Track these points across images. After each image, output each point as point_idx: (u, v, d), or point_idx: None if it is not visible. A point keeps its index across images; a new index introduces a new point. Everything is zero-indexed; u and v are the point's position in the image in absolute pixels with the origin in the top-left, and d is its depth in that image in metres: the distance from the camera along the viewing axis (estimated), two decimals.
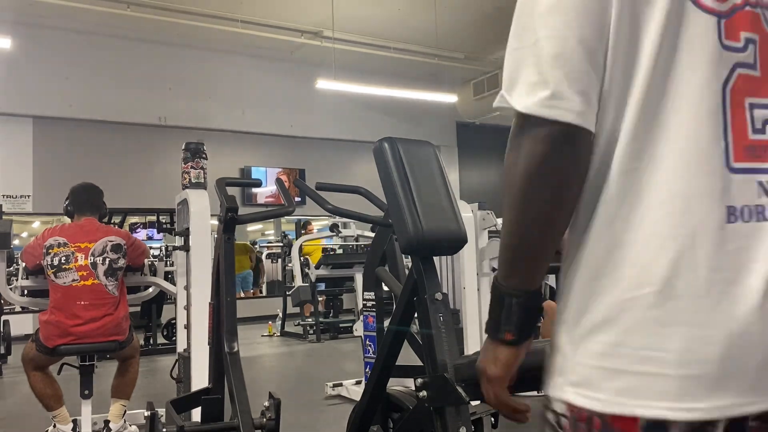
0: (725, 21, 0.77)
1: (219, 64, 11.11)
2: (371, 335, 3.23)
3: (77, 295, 3.16)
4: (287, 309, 8.63)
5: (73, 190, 3.49)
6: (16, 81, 9.49)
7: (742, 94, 0.77)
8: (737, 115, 0.76)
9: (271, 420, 2.06)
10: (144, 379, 4.83)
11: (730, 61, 0.76)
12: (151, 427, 2.19)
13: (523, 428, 1.46)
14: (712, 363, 0.72)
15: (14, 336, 6.40)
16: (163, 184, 9.77)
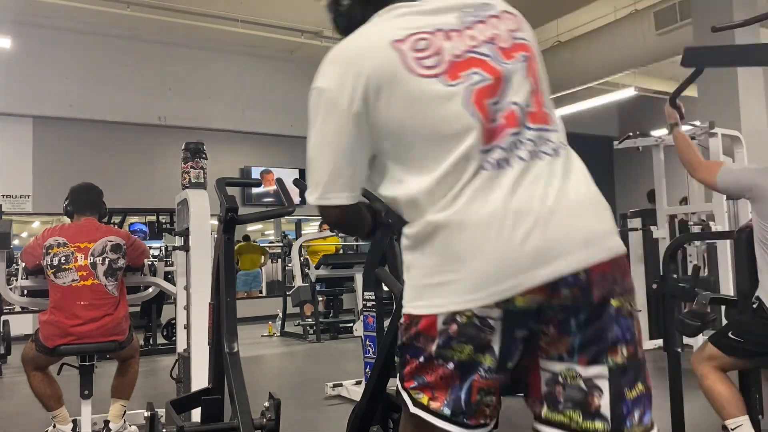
0: (446, 74, 1.17)
1: (219, 64, 11.11)
2: (371, 335, 3.23)
3: (77, 295, 3.16)
4: (287, 309, 8.63)
5: (72, 190, 3.49)
6: (16, 81, 9.48)
7: (481, 99, 1.17)
8: (482, 111, 1.17)
9: (271, 420, 2.06)
10: (144, 379, 4.83)
11: (462, 88, 1.17)
12: (151, 427, 2.18)
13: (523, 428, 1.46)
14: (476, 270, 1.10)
15: (14, 336, 6.40)
16: (163, 184, 9.77)
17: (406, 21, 1.23)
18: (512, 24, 1.31)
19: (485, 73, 1.18)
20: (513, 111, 1.18)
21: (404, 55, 1.18)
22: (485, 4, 1.29)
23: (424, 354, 1.13)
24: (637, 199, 9.71)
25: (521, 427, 2.86)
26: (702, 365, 2.54)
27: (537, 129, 1.20)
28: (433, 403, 1.13)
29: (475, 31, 1.23)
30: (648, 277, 6.04)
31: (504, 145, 1.15)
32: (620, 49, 9.50)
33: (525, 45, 1.27)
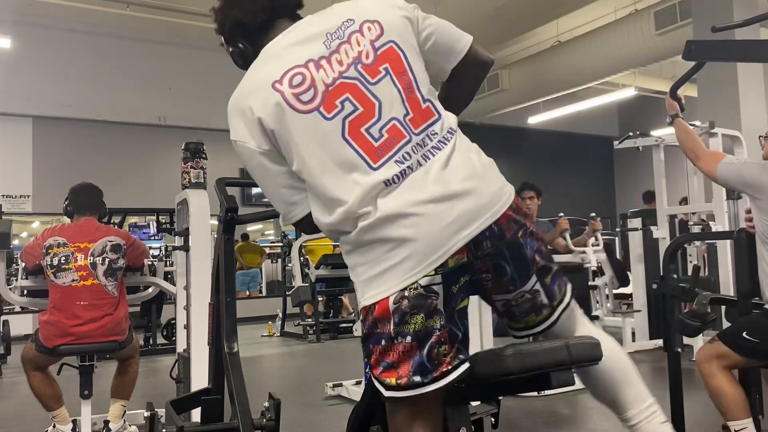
0: (322, 107, 1.34)
1: (219, 64, 11.04)
2: None
3: (77, 295, 3.16)
4: (287, 309, 8.63)
5: (72, 190, 3.49)
6: (16, 81, 9.49)
7: (357, 128, 1.34)
8: (359, 141, 1.34)
9: (271, 420, 2.06)
10: (144, 379, 4.83)
11: (338, 121, 1.34)
12: (150, 427, 2.18)
13: (523, 428, 1.46)
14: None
15: (14, 336, 6.40)
16: (163, 184, 9.76)
17: (283, 57, 1.38)
18: (373, 33, 1.39)
19: (356, 101, 1.34)
20: (394, 125, 1.35)
21: (284, 94, 1.34)
22: (348, 20, 1.40)
23: (384, 336, 1.32)
24: (637, 199, 9.71)
25: (521, 427, 2.87)
26: (709, 364, 2.49)
27: (421, 131, 1.37)
28: (401, 379, 1.31)
29: (341, 54, 1.36)
30: (648, 277, 6.03)
31: (398, 158, 1.34)
32: (620, 49, 9.50)
33: (386, 52, 1.38)
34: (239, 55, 1.55)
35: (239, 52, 1.54)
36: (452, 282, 1.35)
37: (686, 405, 2.85)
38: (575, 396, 4.22)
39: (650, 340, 6.10)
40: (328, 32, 1.39)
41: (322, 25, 1.41)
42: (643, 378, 1.56)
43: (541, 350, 1.38)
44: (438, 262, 1.32)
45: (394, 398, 1.34)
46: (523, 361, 1.35)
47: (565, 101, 12.16)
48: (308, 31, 1.41)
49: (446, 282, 1.33)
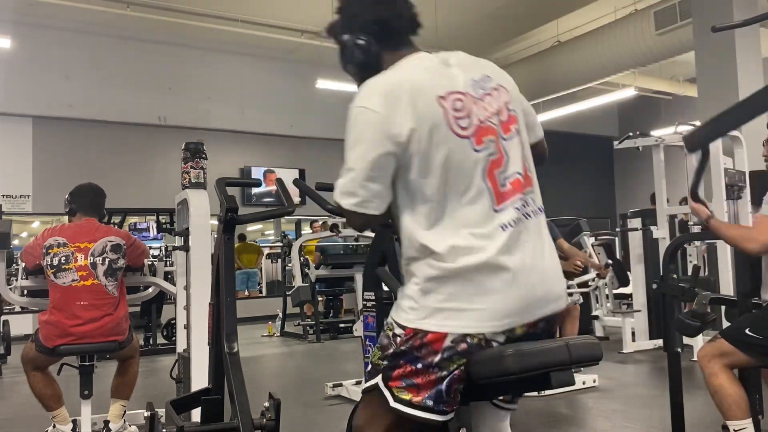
0: (473, 138, 1.38)
1: (219, 64, 11.11)
2: (371, 335, 3.22)
3: (77, 295, 3.15)
4: (287, 309, 8.63)
5: (79, 190, 3.47)
6: (16, 81, 9.49)
7: (493, 170, 1.40)
8: (493, 182, 1.40)
9: (271, 420, 2.06)
10: (144, 379, 4.83)
11: (483, 156, 1.39)
12: (150, 427, 2.18)
13: (523, 428, 1.45)
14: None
15: (14, 336, 6.40)
16: (163, 184, 9.77)
17: (442, 76, 1.42)
18: (506, 96, 1.48)
19: (494, 146, 1.41)
20: (517, 179, 1.43)
21: (447, 112, 1.38)
22: (487, 77, 1.47)
23: (424, 362, 1.36)
24: (637, 199, 9.71)
25: (521, 427, 2.88)
26: (712, 363, 2.47)
27: (527, 192, 1.45)
28: (416, 398, 1.36)
29: (486, 102, 1.44)
30: (648, 277, 6.04)
31: (516, 206, 1.41)
32: (620, 49, 9.50)
33: (515, 117, 1.48)
34: (362, 50, 1.51)
35: (364, 47, 1.51)
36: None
37: (686, 405, 2.85)
38: (575, 396, 4.22)
39: (650, 340, 6.10)
40: (474, 78, 1.45)
41: (466, 69, 1.46)
42: (643, 378, 1.56)
43: (541, 350, 1.37)
44: (511, 324, 1.38)
45: (397, 410, 1.38)
46: (523, 361, 1.34)
47: (565, 101, 12.15)
48: (459, 65, 1.46)
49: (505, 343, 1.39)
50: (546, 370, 1.36)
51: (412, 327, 1.37)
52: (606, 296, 6.60)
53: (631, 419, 3.63)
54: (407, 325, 1.39)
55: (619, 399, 4.15)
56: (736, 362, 2.47)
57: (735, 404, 2.41)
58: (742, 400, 2.43)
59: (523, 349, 1.36)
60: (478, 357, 1.38)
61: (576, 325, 4.63)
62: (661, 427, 3.37)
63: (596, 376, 4.48)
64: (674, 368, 2.88)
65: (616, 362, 5.42)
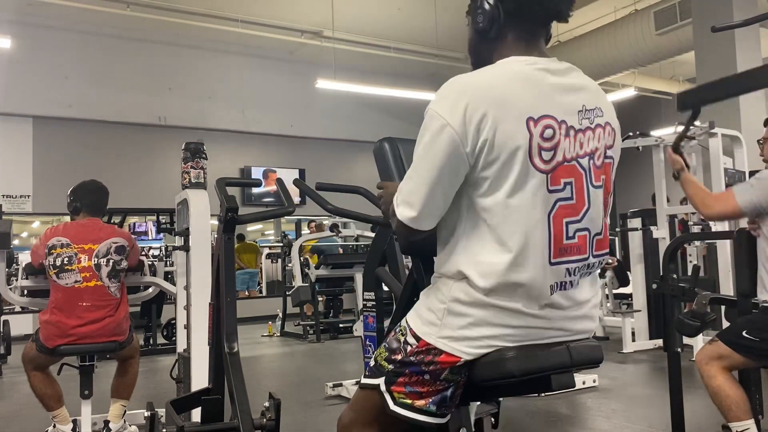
0: (551, 175, 1.25)
1: (219, 64, 11.11)
2: (371, 335, 3.22)
3: (79, 296, 3.15)
4: (287, 309, 8.63)
5: (83, 187, 3.44)
6: (16, 81, 9.49)
7: (561, 217, 1.27)
8: (556, 228, 1.27)
9: (271, 420, 2.06)
10: (144, 379, 4.83)
11: (553, 198, 1.26)
12: (150, 427, 2.18)
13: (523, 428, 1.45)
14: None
15: (14, 336, 6.39)
16: (163, 184, 9.77)
17: (542, 93, 1.27)
18: (609, 139, 1.36)
19: (575, 191, 1.28)
20: (586, 236, 1.32)
21: (533, 140, 1.24)
22: (599, 110, 1.34)
23: (431, 375, 1.34)
24: (637, 199, 9.70)
25: (521, 427, 2.88)
26: (710, 365, 2.48)
27: (597, 256, 1.36)
28: (418, 402, 1.35)
29: (585, 137, 1.30)
30: (648, 277, 6.04)
31: (571, 267, 1.31)
32: (620, 49, 9.51)
33: (610, 165, 1.36)
34: (488, 17, 1.35)
35: (491, 13, 1.35)
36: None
37: (686, 405, 2.85)
38: (575, 396, 4.22)
39: (650, 340, 6.10)
40: (585, 106, 1.31)
41: (579, 93, 1.32)
42: (643, 378, 1.56)
43: (542, 353, 1.37)
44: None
45: (396, 413, 1.37)
46: (524, 363, 1.34)
47: None
48: (569, 83, 1.32)
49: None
50: (547, 373, 1.36)
51: (428, 342, 1.34)
52: (606, 296, 6.60)
53: (631, 419, 3.63)
54: (423, 338, 1.35)
55: (619, 399, 4.15)
56: (733, 364, 2.48)
57: (735, 405, 2.41)
58: (742, 401, 2.43)
59: (524, 352, 1.36)
60: (480, 360, 1.38)
61: None
62: (661, 427, 3.37)
63: (596, 376, 4.48)
64: (674, 368, 2.88)
65: (616, 362, 5.41)
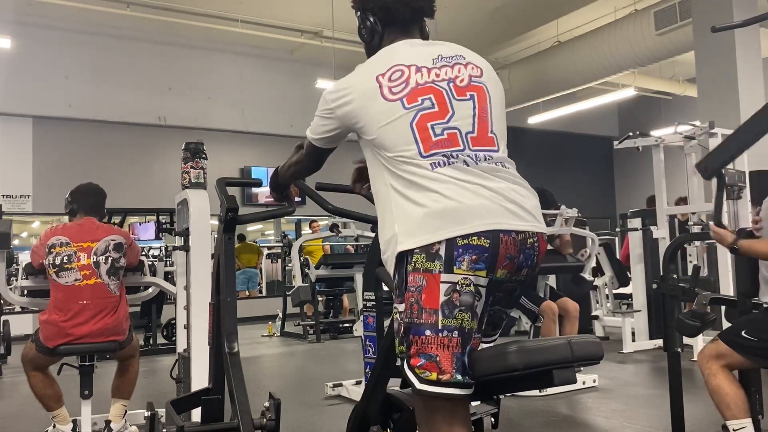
0: (406, 97, 1.54)
1: (219, 64, 11.11)
2: (371, 335, 3.23)
3: (79, 294, 3.15)
4: (287, 309, 8.63)
5: (80, 190, 3.48)
6: (16, 81, 9.49)
7: (425, 121, 1.52)
8: (421, 131, 1.52)
9: (271, 420, 2.06)
10: (144, 379, 4.83)
11: (413, 111, 1.54)
12: (151, 427, 2.18)
13: (523, 428, 1.46)
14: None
15: (14, 336, 6.39)
16: (163, 184, 9.76)
17: (393, 54, 1.63)
18: (474, 72, 1.63)
19: (435, 101, 1.54)
20: (455, 133, 1.52)
21: (382, 85, 1.57)
22: (459, 55, 1.65)
23: (430, 328, 1.40)
24: (637, 199, 9.71)
25: (521, 427, 2.88)
26: (710, 363, 2.49)
27: (477, 150, 1.53)
28: (443, 376, 1.38)
29: (441, 71, 1.60)
30: (648, 277, 6.04)
31: (446, 154, 1.50)
32: (620, 49, 9.50)
33: (477, 87, 1.61)
34: (367, 30, 1.75)
35: (369, 27, 1.75)
36: (492, 292, 1.46)
37: (686, 405, 2.86)
38: (575, 396, 4.22)
39: (650, 340, 6.10)
40: (441, 55, 1.62)
41: (439, 48, 1.65)
42: (643, 378, 1.57)
43: (544, 347, 1.38)
44: (492, 226, 1.43)
45: (423, 391, 1.40)
46: (527, 357, 1.35)
47: (565, 101, 12.15)
48: (427, 48, 1.66)
49: (489, 290, 1.45)
50: (549, 367, 1.37)
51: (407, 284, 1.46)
52: (606, 296, 6.60)
53: (631, 419, 3.63)
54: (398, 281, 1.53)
55: (619, 399, 4.15)
56: (733, 364, 2.49)
57: (733, 403, 2.42)
58: (741, 400, 2.43)
59: (526, 345, 1.38)
60: (482, 354, 1.39)
61: (576, 325, 4.63)
62: (661, 427, 3.37)
63: (596, 376, 4.48)
64: (674, 368, 2.88)
65: (616, 362, 5.41)
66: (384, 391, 1.93)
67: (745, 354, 2.44)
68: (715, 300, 2.84)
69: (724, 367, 2.47)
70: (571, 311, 4.60)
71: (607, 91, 11.99)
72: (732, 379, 2.48)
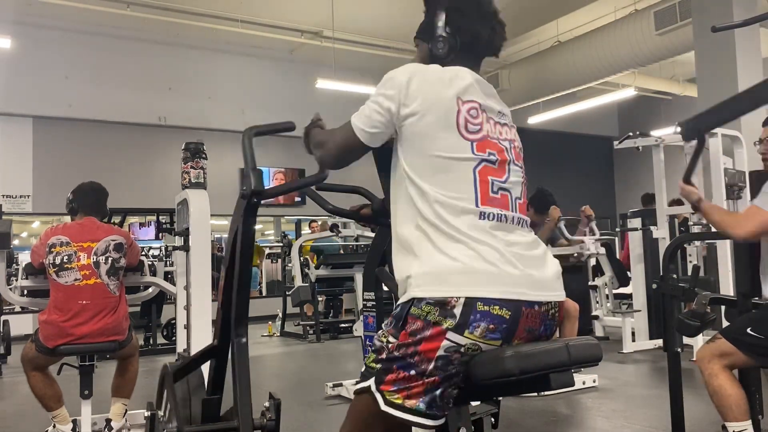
0: (476, 143, 1.48)
1: (219, 64, 11.10)
2: (371, 335, 3.22)
3: (78, 294, 3.15)
4: (287, 309, 8.63)
5: (81, 189, 3.47)
6: (16, 81, 9.49)
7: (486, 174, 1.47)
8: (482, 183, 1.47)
9: (271, 420, 2.05)
10: (144, 379, 4.83)
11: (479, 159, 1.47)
12: (151, 427, 2.18)
13: (523, 428, 1.45)
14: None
15: (14, 336, 6.40)
16: (163, 184, 9.77)
17: (471, 87, 1.52)
18: (514, 135, 1.61)
19: (498, 158, 1.50)
20: (507, 196, 1.50)
21: (461, 112, 1.48)
22: (502, 113, 1.59)
23: (417, 370, 1.36)
24: (637, 199, 9.70)
25: (521, 427, 2.88)
26: (711, 363, 2.44)
27: (520, 220, 1.52)
28: (409, 402, 1.36)
29: (503, 129, 1.56)
30: (648, 277, 6.04)
31: (497, 214, 1.47)
32: (620, 49, 9.50)
33: (521, 157, 1.61)
34: (448, 45, 1.61)
35: (451, 43, 1.61)
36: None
37: (686, 405, 2.85)
38: (575, 396, 4.22)
39: (650, 340, 6.10)
40: (501, 112, 1.58)
41: (493, 100, 1.57)
42: (643, 378, 1.57)
43: (540, 351, 1.37)
44: (512, 296, 1.39)
45: (387, 413, 1.37)
46: (523, 362, 1.34)
47: (565, 101, 12.15)
48: (489, 95, 1.57)
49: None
50: (546, 372, 1.36)
51: (405, 330, 1.41)
52: (606, 296, 6.60)
53: (631, 419, 3.63)
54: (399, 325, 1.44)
55: (619, 399, 4.16)
56: (736, 362, 2.45)
57: (735, 405, 2.39)
58: (742, 401, 2.41)
59: (522, 350, 1.36)
60: (479, 358, 1.38)
61: (575, 325, 4.62)
62: (661, 427, 3.37)
63: (596, 376, 4.48)
64: (674, 368, 2.88)
65: (616, 362, 5.42)
66: None
67: (749, 352, 2.40)
68: (715, 300, 2.84)
69: (726, 368, 2.43)
70: (571, 311, 4.60)
71: (607, 91, 11.98)
72: (733, 380, 2.45)
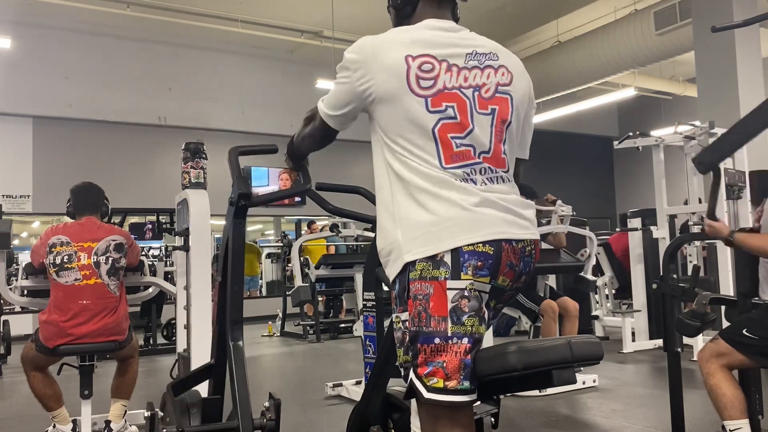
0: (430, 99, 1.47)
1: (219, 64, 11.10)
2: (371, 335, 3.23)
3: (79, 294, 3.15)
4: (287, 309, 8.63)
5: (73, 191, 3.48)
6: (16, 81, 9.49)
7: (445, 132, 1.48)
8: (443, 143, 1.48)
9: (271, 420, 2.05)
10: (144, 379, 4.83)
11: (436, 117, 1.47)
12: (151, 427, 2.18)
13: (523, 428, 1.46)
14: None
15: (14, 336, 6.40)
16: (163, 184, 9.77)
17: (428, 39, 1.52)
18: (503, 79, 1.56)
19: (457, 111, 1.48)
20: (469, 150, 1.49)
21: (411, 68, 1.47)
22: (492, 54, 1.56)
23: (440, 336, 1.38)
24: (637, 199, 9.70)
25: (521, 427, 2.88)
26: (709, 362, 2.49)
27: (489, 169, 1.51)
28: (450, 383, 1.37)
29: (471, 73, 1.52)
30: (648, 277, 6.04)
31: (466, 170, 1.48)
32: (620, 49, 9.50)
33: (502, 99, 1.55)
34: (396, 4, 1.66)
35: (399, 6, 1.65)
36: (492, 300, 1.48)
37: (686, 405, 2.85)
38: (575, 396, 4.22)
39: (650, 340, 6.10)
40: (476, 51, 1.54)
41: (473, 40, 1.57)
42: (643, 378, 1.57)
43: (543, 347, 1.38)
44: (493, 236, 1.44)
45: (431, 400, 1.38)
46: (526, 357, 1.35)
47: (565, 101, 12.15)
48: (459, 37, 1.56)
49: (490, 297, 1.46)
50: (548, 368, 1.37)
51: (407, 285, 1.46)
52: (606, 296, 6.60)
53: (631, 419, 3.63)
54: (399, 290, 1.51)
55: (619, 399, 4.15)
56: (733, 363, 2.48)
57: (730, 403, 2.42)
58: (738, 400, 2.43)
59: (525, 346, 1.37)
60: (482, 354, 1.39)
61: (576, 324, 4.63)
62: (661, 427, 3.37)
63: (596, 376, 4.48)
64: (674, 368, 2.88)
65: (616, 362, 5.41)
66: (384, 391, 1.93)
67: (745, 352, 2.44)
68: (715, 300, 2.84)
69: (724, 367, 2.47)
70: (571, 310, 4.61)
71: (607, 91, 11.99)
72: (730, 379, 2.48)
